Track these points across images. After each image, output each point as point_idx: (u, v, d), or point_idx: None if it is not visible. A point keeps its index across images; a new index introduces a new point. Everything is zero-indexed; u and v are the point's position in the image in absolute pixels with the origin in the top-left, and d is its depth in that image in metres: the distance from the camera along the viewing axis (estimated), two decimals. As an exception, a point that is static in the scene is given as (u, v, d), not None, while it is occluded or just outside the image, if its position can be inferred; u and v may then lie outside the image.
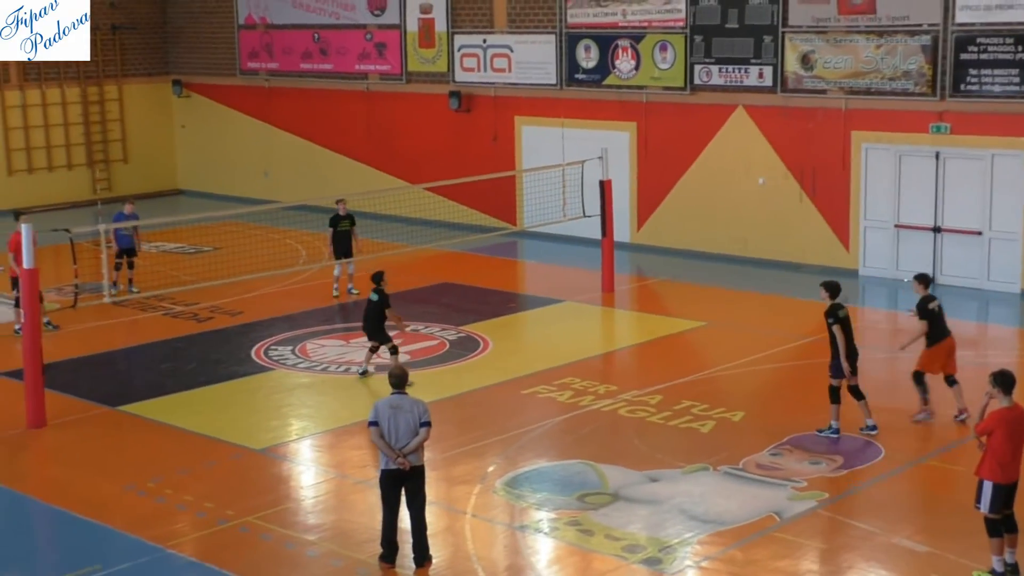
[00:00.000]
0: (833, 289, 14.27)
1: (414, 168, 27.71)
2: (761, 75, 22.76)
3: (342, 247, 20.73)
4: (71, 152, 31.34)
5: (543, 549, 11.71)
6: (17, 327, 19.67)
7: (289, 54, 30.14)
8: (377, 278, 16.43)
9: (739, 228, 23.53)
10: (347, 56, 29.01)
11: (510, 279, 23.79)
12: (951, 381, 14.55)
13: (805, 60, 22.22)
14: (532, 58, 25.83)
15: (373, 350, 16.63)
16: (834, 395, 14.13)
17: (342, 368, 17.20)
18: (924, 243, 21.46)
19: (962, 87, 20.70)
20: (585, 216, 22.45)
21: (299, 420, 15.41)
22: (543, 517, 12.25)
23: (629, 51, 24.38)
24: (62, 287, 21.68)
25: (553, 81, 25.60)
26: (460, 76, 27.05)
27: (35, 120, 30.69)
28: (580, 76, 25.20)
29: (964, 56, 20.60)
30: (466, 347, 18.21)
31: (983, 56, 20.45)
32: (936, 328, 14.52)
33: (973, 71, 20.56)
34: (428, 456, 13.79)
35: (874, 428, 14.13)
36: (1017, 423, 10.51)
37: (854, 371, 14.09)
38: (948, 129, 21.01)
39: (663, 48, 23.89)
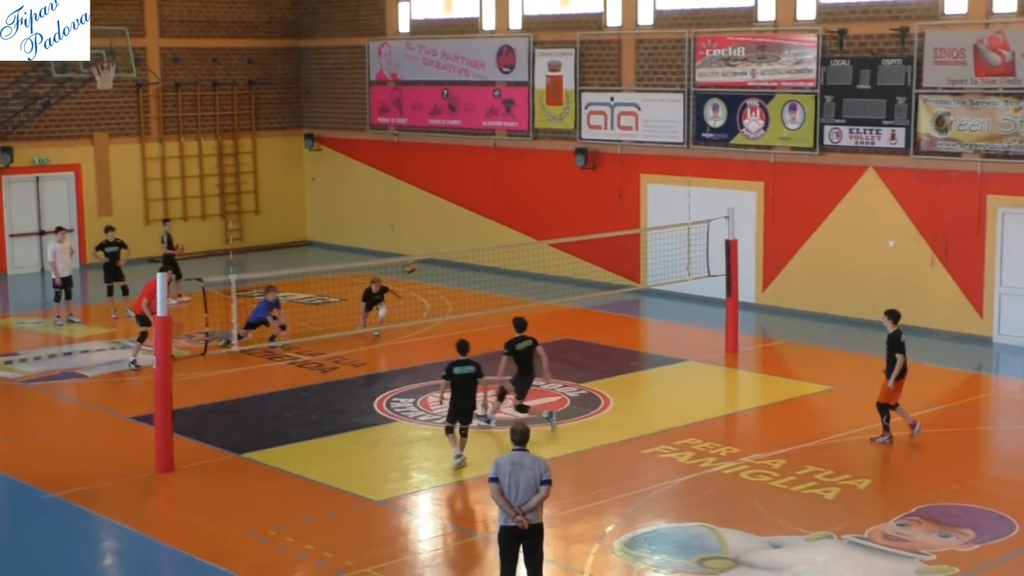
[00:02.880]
0: (518, 324, 16.85)
1: (539, 224, 27.89)
2: (893, 137, 22.45)
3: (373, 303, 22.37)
4: (205, 203, 32.28)
5: (661, 613, 11.58)
6: (132, 359, 20.27)
7: (418, 109, 30.69)
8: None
9: (868, 291, 23.12)
10: (475, 112, 29.42)
11: (632, 337, 23.72)
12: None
13: (939, 122, 21.86)
14: (659, 116, 25.88)
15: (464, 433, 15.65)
16: (520, 409, 16.68)
17: (463, 422, 17.30)
18: (1062, 311, 20.85)
19: (1104, 151, 20.16)
20: (710, 275, 22.33)
21: (419, 473, 15.52)
22: (661, 580, 12.13)
23: (758, 111, 24.28)
24: (193, 334, 22.27)
25: (680, 139, 25.60)
26: (587, 134, 27.21)
27: (172, 172, 31.71)
28: (707, 135, 25.17)
29: (1107, 119, 20.07)
30: (587, 404, 18.19)
31: None
32: (905, 363, 16.18)
33: (1116, 135, 20.01)
34: (546, 513, 13.78)
35: (525, 410, 16.67)
36: None
37: (519, 394, 16.79)
38: (1089, 194, 20.47)
39: (792, 108, 23.75)
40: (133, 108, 30.98)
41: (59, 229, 24.79)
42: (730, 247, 21.26)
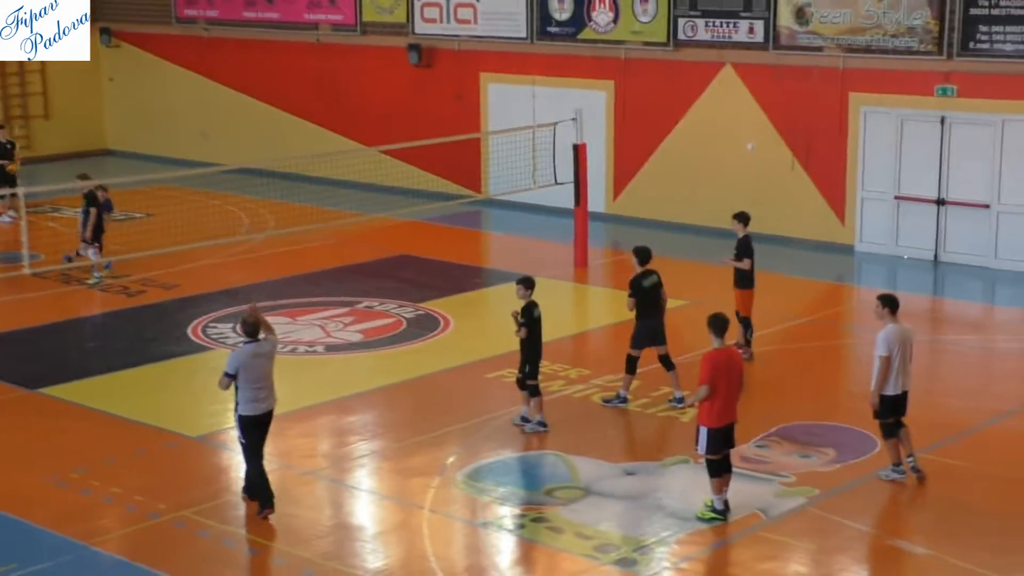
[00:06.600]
0: (642, 255, 15.03)
1: (370, 129, 27.63)
2: (751, 30, 22.79)
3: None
4: (-13, 107, 31.10)
5: (507, 548, 11.76)
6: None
7: (230, 1, 29.95)
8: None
9: (725, 198, 23.54)
10: (295, 4, 28.85)
11: (474, 252, 23.80)
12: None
13: (800, 14, 22.26)
14: (500, 8, 25.76)
15: None
16: (630, 365, 14.88)
17: (288, 348, 17.16)
18: (927, 216, 21.59)
19: (971, 45, 20.79)
20: (557, 183, 22.47)
21: (240, 405, 15.35)
22: (507, 513, 12.30)
23: (607, 2, 24.35)
24: (-23, 256, 21.55)
25: (523, 34, 25.55)
26: (420, 28, 26.95)
27: (-53, 71, 30.42)
28: (553, 29, 25.16)
29: (974, 11, 20.67)
30: (425, 326, 18.22)
31: (995, 12, 20.54)
32: (753, 270, 16.44)
33: (983, 28, 20.65)
34: (381, 444, 13.89)
35: (681, 400, 14.72)
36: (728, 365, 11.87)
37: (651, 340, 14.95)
38: (955, 92, 21.12)
39: (644, -1, 23.90)
40: (-103, -2, 29.48)
41: None
42: (578, 152, 21.39)
